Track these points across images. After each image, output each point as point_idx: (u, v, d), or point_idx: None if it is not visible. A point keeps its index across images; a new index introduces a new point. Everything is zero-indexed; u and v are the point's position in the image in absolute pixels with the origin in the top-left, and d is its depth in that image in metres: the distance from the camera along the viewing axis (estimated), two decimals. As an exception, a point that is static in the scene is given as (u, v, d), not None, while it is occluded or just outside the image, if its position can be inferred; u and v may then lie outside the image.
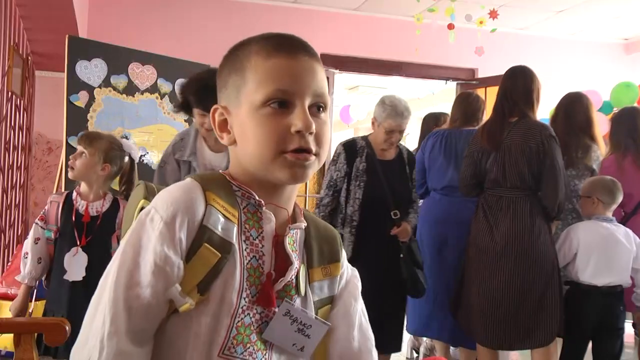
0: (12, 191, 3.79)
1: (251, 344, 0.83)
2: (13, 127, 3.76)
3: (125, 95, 3.54)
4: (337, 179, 2.88)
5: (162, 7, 4.86)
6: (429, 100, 8.47)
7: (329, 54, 5.31)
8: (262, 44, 0.87)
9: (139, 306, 0.79)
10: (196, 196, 0.83)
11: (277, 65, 0.84)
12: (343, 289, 0.96)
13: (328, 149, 0.89)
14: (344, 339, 0.93)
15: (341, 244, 0.98)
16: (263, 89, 0.83)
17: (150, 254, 0.80)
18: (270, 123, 0.83)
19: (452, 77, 5.75)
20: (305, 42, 0.89)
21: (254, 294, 0.84)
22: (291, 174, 0.84)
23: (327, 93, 0.88)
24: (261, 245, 0.86)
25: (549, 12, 5.32)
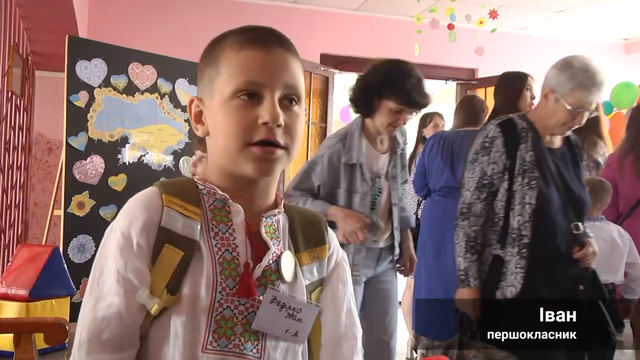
0: (12, 191, 3.79)
1: (236, 336, 0.83)
2: (13, 127, 3.76)
3: (125, 95, 3.54)
4: (492, 174, 1.95)
5: (161, 7, 4.86)
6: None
7: (329, 54, 5.31)
8: (237, 37, 0.87)
9: (111, 315, 0.81)
10: (151, 201, 0.85)
11: (248, 57, 0.85)
12: (332, 271, 0.96)
13: (299, 142, 0.88)
14: (331, 323, 0.94)
15: (326, 227, 0.98)
16: (234, 80, 0.84)
17: (113, 263, 0.82)
18: (238, 114, 0.84)
19: (452, 77, 5.75)
20: (281, 35, 0.89)
21: (232, 286, 0.84)
22: (256, 167, 0.84)
23: (300, 86, 0.88)
24: (232, 237, 0.86)
25: (549, 12, 5.32)
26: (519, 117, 2.02)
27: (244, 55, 0.85)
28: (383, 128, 2.19)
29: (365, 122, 2.24)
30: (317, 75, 5.22)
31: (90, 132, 3.38)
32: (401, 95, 2.12)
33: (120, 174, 3.50)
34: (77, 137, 3.34)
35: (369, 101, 2.18)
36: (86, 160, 3.36)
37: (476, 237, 1.93)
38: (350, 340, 0.95)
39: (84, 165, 3.36)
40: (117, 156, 3.50)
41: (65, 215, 3.29)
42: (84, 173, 3.36)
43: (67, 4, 3.39)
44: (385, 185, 2.27)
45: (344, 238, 2.14)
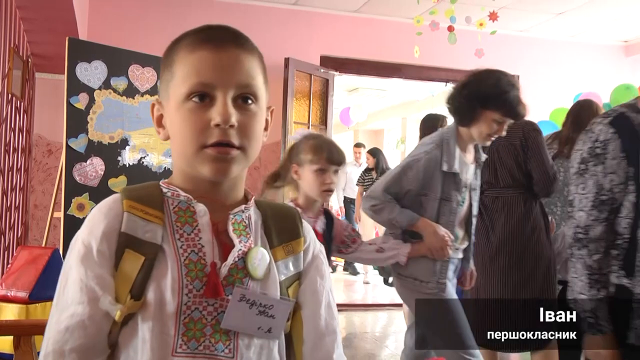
0: (12, 193, 3.79)
1: (206, 338, 0.82)
2: (13, 129, 3.76)
3: (125, 97, 3.54)
4: (612, 187, 1.51)
5: (161, 9, 4.87)
6: (429, 103, 8.48)
7: (329, 56, 5.32)
8: (191, 38, 0.86)
9: (74, 324, 0.80)
10: (111, 208, 0.85)
11: (200, 57, 0.84)
12: (309, 264, 0.95)
13: (257, 143, 0.87)
14: (311, 317, 0.93)
15: (301, 220, 0.97)
16: (186, 82, 0.84)
17: (75, 273, 0.83)
18: (191, 117, 0.83)
19: (452, 79, 5.74)
20: (235, 33, 0.88)
21: (199, 288, 0.83)
22: (213, 169, 0.84)
23: (256, 84, 0.86)
24: (198, 237, 0.86)
25: (548, 15, 5.33)
26: (632, 110, 1.54)
27: (196, 56, 0.84)
28: (481, 137, 2.18)
29: (459, 130, 2.23)
30: (317, 77, 5.22)
31: (90, 134, 3.38)
32: (508, 107, 2.14)
33: (120, 175, 3.50)
34: (77, 139, 3.34)
35: (472, 111, 2.17)
36: (86, 162, 3.36)
37: (600, 267, 1.54)
38: (331, 334, 0.94)
39: (84, 167, 3.36)
40: (117, 158, 3.49)
41: (65, 217, 3.28)
42: (84, 175, 3.35)
43: (67, 5, 3.39)
44: (468, 196, 2.28)
45: (429, 252, 2.14)
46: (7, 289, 2.79)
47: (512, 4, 4.98)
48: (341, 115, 8.65)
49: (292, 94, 4.95)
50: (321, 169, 1.93)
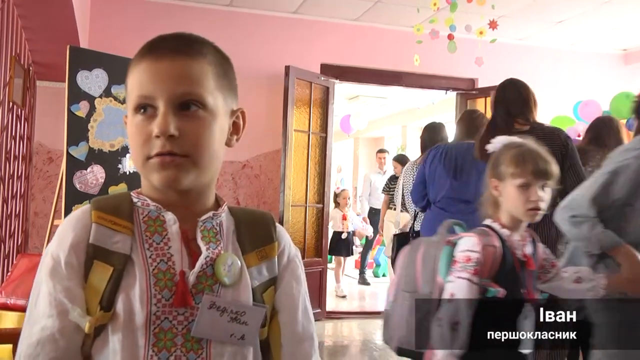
0: (12, 201, 3.79)
1: (177, 347, 0.82)
2: (14, 137, 3.77)
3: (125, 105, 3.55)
4: None
5: (162, 18, 4.89)
6: (429, 110, 8.49)
7: (329, 64, 5.33)
8: (140, 50, 0.88)
9: (45, 338, 0.80)
10: (80, 220, 0.85)
11: (142, 69, 0.85)
12: (284, 269, 0.94)
13: (207, 149, 0.85)
14: (288, 322, 0.92)
15: (274, 224, 0.96)
16: (131, 96, 0.86)
17: (44, 287, 0.83)
18: (137, 130, 0.85)
19: (452, 87, 5.77)
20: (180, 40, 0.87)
21: (168, 297, 0.83)
22: (161, 177, 0.84)
23: (200, 90, 0.84)
24: (167, 247, 0.85)
25: (548, 23, 5.35)
26: None
27: (138, 68, 0.86)
28: None
29: None
30: (317, 85, 5.23)
31: (90, 141, 3.39)
32: None
33: (120, 183, 3.50)
34: (77, 147, 3.35)
35: None
36: (87, 169, 3.36)
37: None
38: (309, 339, 0.94)
39: (85, 175, 3.36)
40: (117, 166, 3.50)
41: (65, 225, 3.28)
42: (85, 183, 3.36)
43: (68, 14, 3.41)
44: None
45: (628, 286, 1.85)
46: (6, 297, 2.78)
47: (512, 13, 5.00)
48: (341, 123, 8.66)
49: (292, 102, 4.96)
50: (525, 184, 1.66)
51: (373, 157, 12.94)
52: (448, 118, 6.24)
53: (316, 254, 5.29)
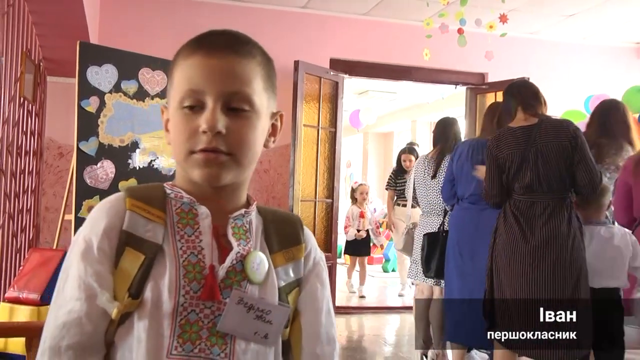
0: (24, 196, 3.82)
1: (202, 340, 0.82)
2: (25, 132, 3.79)
3: (135, 100, 3.56)
4: None
5: (171, 14, 4.89)
6: (439, 105, 8.46)
7: (339, 59, 5.32)
8: (189, 44, 0.87)
9: (71, 321, 0.80)
10: (114, 206, 0.86)
11: (192, 64, 0.85)
12: (310, 271, 0.95)
13: (250, 149, 0.86)
14: (311, 324, 0.92)
15: (302, 226, 0.97)
16: (179, 89, 0.85)
17: (75, 270, 0.83)
18: (182, 123, 0.85)
19: (461, 82, 5.74)
20: (233, 38, 0.87)
21: (196, 290, 0.83)
22: (203, 173, 0.84)
23: (250, 90, 0.85)
24: (199, 240, 0.86)
25: (559, 16, 5.30)
26: None
27: (189, 62, 0.85)
28: None
29: None
30: (326, 80, 5.22)
31: (100, 137, 3.40)
32: None
33: (130, 178, 3.51)
34: (87, 142, 3.36)
35: None
36: (97, 165, 3.38)
37: None
38: (331, 343, 0.94)
39: (95, 170, 3.38)
40: (127, 161, 3.51)
41: (76, 219, 3.30)
42: (95, 178, 3.37)
43: (78, 10, 3.42)
44: None
45: None
46: (19, 291, 2.81)
47: (523, 6, 4.96)
48: (351, 118, 8.65)
49: (301, 97, 4.96)
50: None
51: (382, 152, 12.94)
52: (458, 113, 6.21)
53: (325, 249, 5.29)
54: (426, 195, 3.80)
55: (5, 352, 2.62)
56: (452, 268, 3.24)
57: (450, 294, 3.26)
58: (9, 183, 3.39)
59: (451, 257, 3.25)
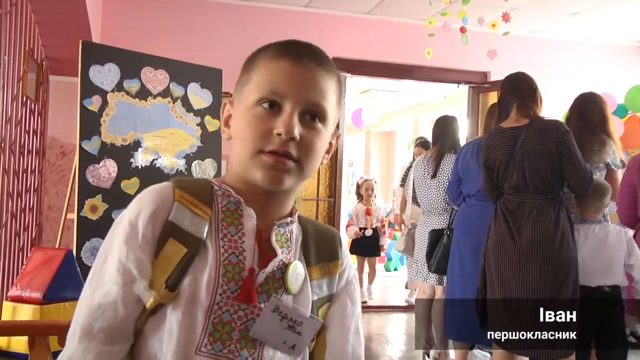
0: (26, 195, 3.83)
1: (232, 342, 0.82)
2: (27, 131, 3.80)
3: (137, 99, 3.56)
4: None
5: (173, 13, 4.89)
6: (441, 104, 8.45)
7: (341, 58, 5.31)
8: (274, 47, 0.88)
9: (107, 303, 0.80)
10: (163, 194, 0.85)
11: (277, 67, 0.85)
12: (342, 288, 0.95)
13: (315, 160, 0.87)
14: (338, 341, 0.92)
15: (340, 243, 0.97)
16: (260, 88, 0.85)
17: (116, 253, 0.82)
18: (256, 122, 0.84)
19: (464, 81, 5.73)
20: (318, 52, 0.89)
21: (233, 290, 0.83)
22: (267, 176, 0.84)
23: (326, 105, 0.87)
24: (241, 241, 0.86)
25: (562, 15, 5.29)
26: None
27: (274, 65, 0.85)
28: None
29: None
30: (328, 79, 5.21)
31: (103, 136, 3.41)
32: None
33: (132, 177, 3.51)
34: (90, 141, 3.36)
35: None
36: (99, 164, 3.38)
37: None
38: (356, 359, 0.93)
39: (97, 169, 3.38)
40: (129, 160, 3.51)
41: (78, 218, 3.31)
42: (97, 177, 3.38)
43: (81, 9, 3.43)
44: None
45: None
46: (21, 289, 2.81)
47: (525, 5, 4.95)
48: (353, 116, 8.64)
49: (303, 96, 4.95)
50: None
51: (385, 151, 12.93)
52: (460, 111, 6.20)
53: (328, 248, 5.29)
54: (427, 194, 3.80)
55: (8, 351, 2.63)
56: (456, 265, 3.24)
57: (452, 291, 3.26)
58: (12, 182, 3.40)
59: (455, 254, 3.25)
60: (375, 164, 12.78)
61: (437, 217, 3.73)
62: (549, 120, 2.69)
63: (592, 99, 3.13)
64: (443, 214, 3.69)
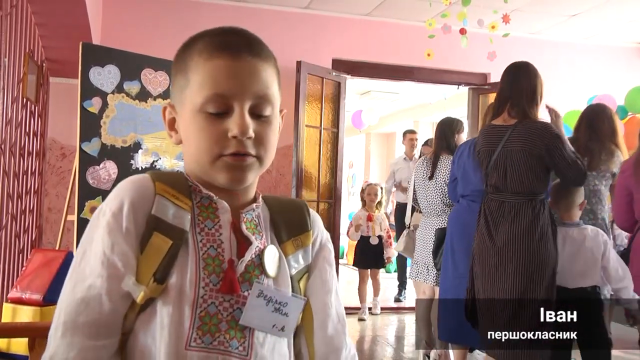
0: (26, 196, 3.83)
1: (221, 333, 0.82)
2: (28, 133, 3.80)
3: (138, 101, 3.56)
4: None
5: (173, 14, 4.90)
6: (441, 106, 8.45)
7: (341, 59, 5.32)
8: (206, 43, 0.85)
9: (90, 297, 0.79)
10: (143, 187, 0.84)
11: (216, 67, 0.83)
12: (317, 254, 0.95)
13: (273, 150, 0.88)
14: (322, 307, 0.93)
15: (308, 211, 0.97)
16: (202, 92, 0.83)
17: (99, 245, 0.80)
18: (208, 127, 0.83)
19: (464, 82, 5.73)
20: (251, 39, 0.87)
21: (215, 282, 0.83)
22: (230, 177, 0.84)
23: (272, 93, 0.86)
24: (218, 234, 0.86)
25: (562, 16, 5.29)
26: None
27: (212, 65, 0.83)
28: None
29: None
30: (329, 80, 5.22)
31: (103, 137, 3.41)
32: None
33: (133, 179, 3.52)
34: (90, 143, 3.37)
35: None
36: (99, 165, 3.38)
37: None
38: (342, 321, 0.95)
39: (97, 171, 3.38)
40: (129, 162, 3.51)
41: (78, 220, 3.30)
42: (97, 178, 3.38)
43: (81, 11, 3.43)
44: None
45: None
46: (21, 291, 2.81)
47: (525, 6, 4.96)
48: (353, 118, 8.65)
49: (304, 98, 4.96)
50: None
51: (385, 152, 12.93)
52: (460, 113, 6.20)
53: (328, 250, 5.28)
54: (425, 196, 3.81)
55: (8, 353, 2.63)
56: (449, 266, 3.25)
57: (445, 292, 3.26)
58: (12, 184, 3.40)
59: (449, 255, 3.25)
60: (375, 166, 12.79)
61: (435, 218, 3.74)
62: (537, 123, 2.67)
63: (602, 111, 3.13)
64: (441, 215, 3.70)
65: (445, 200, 3.66)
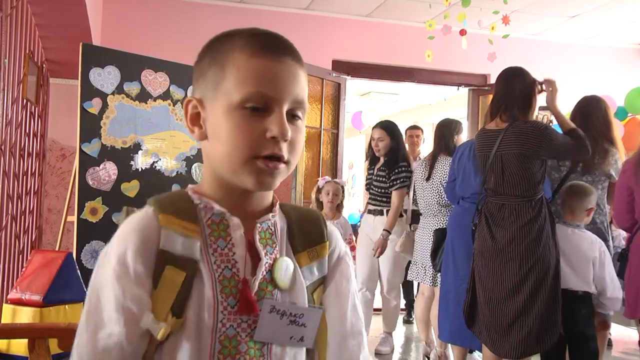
0: (26, 197, 3.83)
1: (241, 355, 0.81)
2: (28, 134, 3.80)
3: (138, 102, 3.57)
4: None
5: (173, 15, 4.90)
6: (441, 107, 8.45)
7: (341, 60, 5.32)
8: (248, 41, 0.83)
9: (112, 345, 0.78)
10: (147, 224, 0.81)
11: (260, 66, 0.81)
12: (334, 267, 0.93)
13: (299, 156, 0.86)
14: (337, 321, 0.91)
15: (325, 223, 0.95)
16: (243, 88, 0.81)
17: (111, 291, 0.79)
18: (245, 125, 0.80)
19: (464, 83, 5.74)
20: (291, 45, 0.86)
21: (233, 305, 0.82)
22: (258, 181, 0.82)
23: (306, 100, 0.86)
24: (232, 253, 0.84)
25: (562, 18, 5.30)
26: None
27: (255, 63, 0.81)
28: None
29: None
30: (329, 81, 5.22)
31: (103, 138, 3.41)
32: None
33: (133, 180, 3.52)
34: (90, 144, 3.37)
35: None
36: (99, 166, 3.39)
37: None
38: (357, 336, 0.93)
39: (97, 172, 3.38)
40: (129, 162, 3.52)
41: (78, 221, 3.31)
42: (97, 179, 3.38)
43: (81, 12, 3.43)
44: None
45: None
46: (21, 292, 2.81)
47: (525, 8, 4.96)
48: (353, 119, 8.65)
49: (304, 99, 4.95)
50: None
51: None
52: (460, 114, 6.21)
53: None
54: (423, 197, 3.82)
55: (7, 354, 2.63)
56: (450, 268, 3.25)
57: (446, 294, 3.27)
58: (12, 184, 3.40)
59: (449, 256, 3.25)
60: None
61: (432, 218, 3.75)
62: (527, 124, 2.69)
63: (595, 102, 3.12)
64: (437, 216, 3.71)
65: (441, 200, 3.67)
